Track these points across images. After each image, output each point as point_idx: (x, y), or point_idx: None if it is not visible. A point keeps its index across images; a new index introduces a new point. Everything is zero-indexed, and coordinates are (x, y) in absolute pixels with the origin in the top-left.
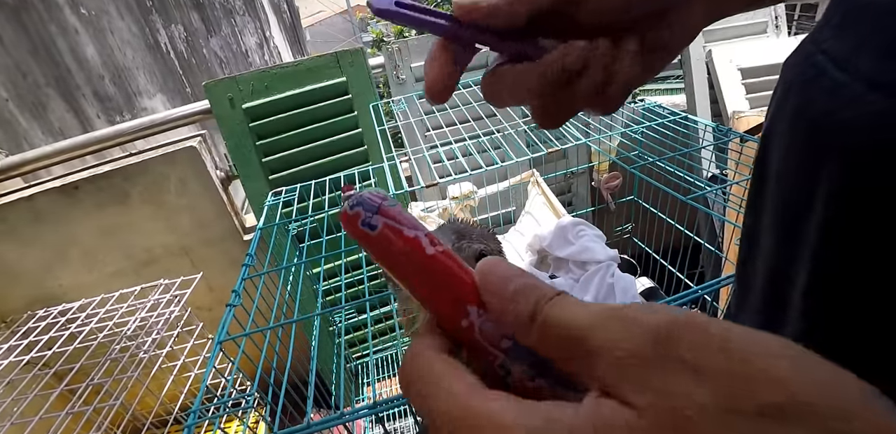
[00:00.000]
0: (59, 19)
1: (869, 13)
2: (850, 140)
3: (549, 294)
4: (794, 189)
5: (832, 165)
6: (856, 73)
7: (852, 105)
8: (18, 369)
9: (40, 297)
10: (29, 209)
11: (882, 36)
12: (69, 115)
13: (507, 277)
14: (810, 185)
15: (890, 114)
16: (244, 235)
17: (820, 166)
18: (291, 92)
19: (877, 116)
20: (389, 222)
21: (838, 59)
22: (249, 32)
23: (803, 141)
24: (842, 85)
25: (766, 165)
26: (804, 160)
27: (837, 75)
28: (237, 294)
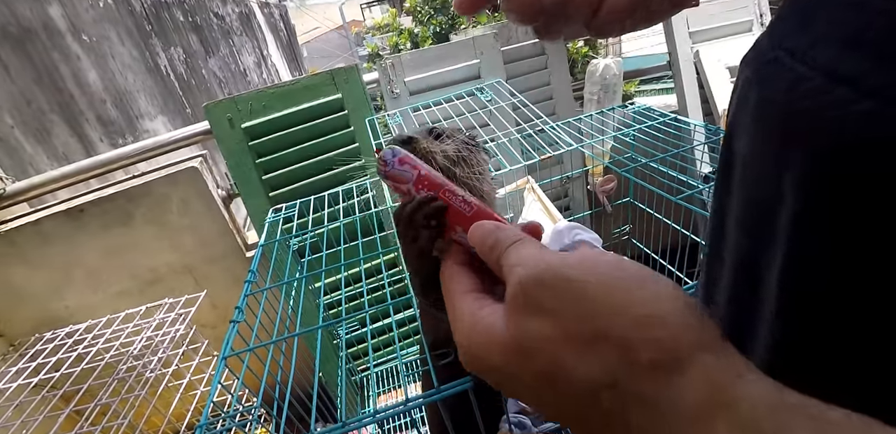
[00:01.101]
0: (61, 47)
1: (825, 7)
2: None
3: (507, 244)
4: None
5: (797, 154)
6: (816, 66)
7: (814, 97)
8: (27, 392)
9: (47, 320)
10: (36, 233)
11: (838, 28)
12: (73, 139)
13: (483, 239)
14: (777, 174)
15: (851, 104)
16: (247, 252)
17: (786, 155)
18: (289, 110)
19: (838, 106)
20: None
21: (797, 53)
22: (247, 52)
23: (768, 132)
24: (803, 77)
25: (731, 155)
26: (770, 150)
27: (798, 68)
28: (240, 310)
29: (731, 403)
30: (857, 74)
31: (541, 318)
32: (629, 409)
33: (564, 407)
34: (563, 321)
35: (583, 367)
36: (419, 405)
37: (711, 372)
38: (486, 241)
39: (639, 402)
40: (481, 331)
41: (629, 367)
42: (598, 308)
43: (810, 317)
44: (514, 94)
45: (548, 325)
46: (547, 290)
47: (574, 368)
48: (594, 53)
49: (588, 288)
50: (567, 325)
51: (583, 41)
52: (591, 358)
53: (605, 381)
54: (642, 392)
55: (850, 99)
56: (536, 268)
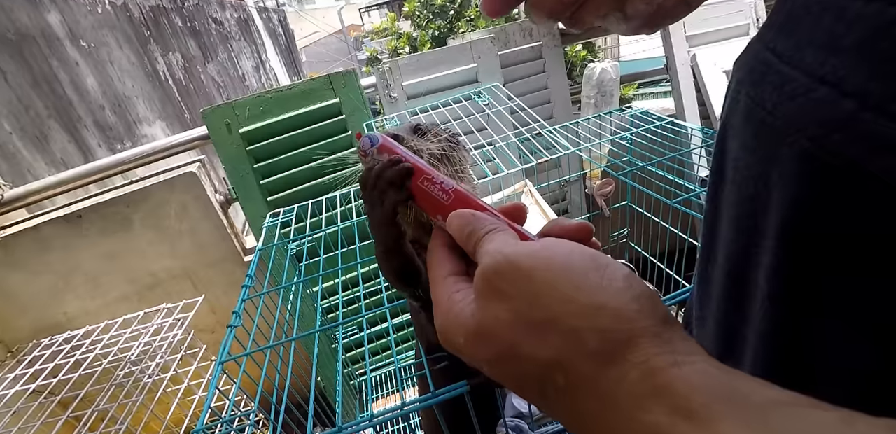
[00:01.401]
0: (59, 53)
1: (810, 12)
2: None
3: (482, 234)
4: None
5: (784, 153)
6: (801, 68)
7: (799, 97)
8: (24, 398)
9: (46, 326)
10: (35, 239)
11: (821, 32)
12: (71, 145)
13: (461, 228)
14: (765, 172)
15: (833, 104)
16: (245, 257)
17: (773, 154)
18: (287, 115)
19: (821, 107)
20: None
21: (784, 56)
22: (246, 57)
23: (757, 132)
24: (789, 79)
25: (723, 156)
26: (759, 150)
27: (784, 70)
28: (237, 315)
29: (665, 388)
30: (839, 76)
31: (498, 304)
32: (579, 392)
33: (524, 385)
34: (517, 308)
35: (534, 351)
36: (415, 409)
37: (650, 358)
38: (464, 230)
39: (586, 386)
40: (453, 314)
41: (577, 353)
42: (548, 296)
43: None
44: (511, 97)
45: (504, 312)
46: (503, 279)
47: (527, 352)
48: (593, 57)
49: (538, 276)
50: (520, 312)
51: (581, 44)
52: (541, 343)
53: (555, 361)
54: (589, 377)
55: (832, 99)
56: (494, 258)
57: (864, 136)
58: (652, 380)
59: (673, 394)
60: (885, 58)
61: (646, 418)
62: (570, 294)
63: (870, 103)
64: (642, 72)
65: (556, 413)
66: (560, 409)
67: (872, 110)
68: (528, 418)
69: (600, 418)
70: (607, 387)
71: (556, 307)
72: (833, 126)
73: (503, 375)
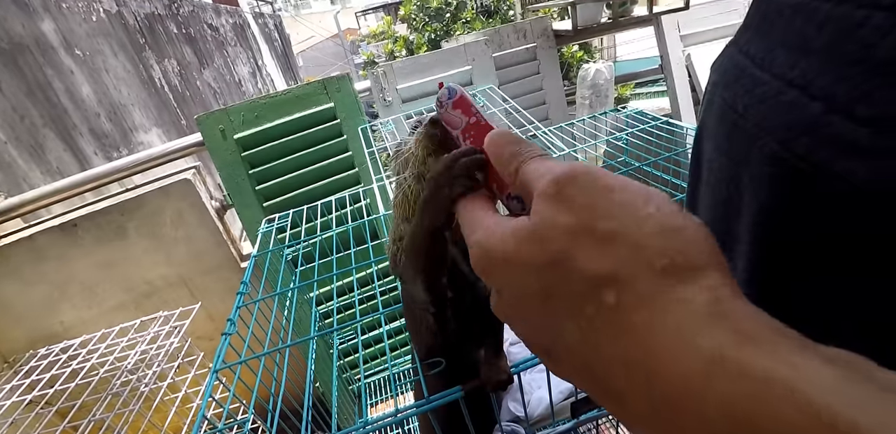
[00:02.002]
0: (54, 61)
1: (783, 14)
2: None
3: (528, 156)
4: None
5: (754, 154)
6: (772, 71)
7: (769, 100)
8: (21, 409)
9: (42, 336)
10: (30, 249)
11: (792, 35)
12: (67, 154)
13: (502, 146)
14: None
15: (801, 106)
16: (241, 263)
17: (744, 155)
18: (281, 120)
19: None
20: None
21: (756, 59)
22: (242, 62)
23: (730, 135)
24: (760, 81)
25: (699, 159)
26: (731, 151)
27: (756, 73)
28: (232, 322)
29: (732, 314)
30: (807, 79)
31: (566, 211)
32: (628, 312)
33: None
34: (583, 216)
35: (593, 259)
36: (410, 415)
37: (720, 286)
38: (507, 148)
39: (641, 305)
40: (505, 226)
41: (641, 269)
42: (622, 210)
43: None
44: (506, 99)
45: (570, 218)
46: (576, 186)
47: (583, 259)
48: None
49: (616, 191)
50: (586, 220)
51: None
52: (601, 254)
53: (611, 275)
54: (647, 296)
55: (801, 102)
56: (571, 166)
57: (831, 139)
58: (719, 305)
59: (740, 319)
60: (851, 60)
61: (708, 340)
62: (648, 212)
63: (836, 106)
64: (637, 72)
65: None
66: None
67: (839, 113)
68: (524, 422)
69: (648, 340)
70: (669, 307)
71: (629, 222)
72: (801, 129)
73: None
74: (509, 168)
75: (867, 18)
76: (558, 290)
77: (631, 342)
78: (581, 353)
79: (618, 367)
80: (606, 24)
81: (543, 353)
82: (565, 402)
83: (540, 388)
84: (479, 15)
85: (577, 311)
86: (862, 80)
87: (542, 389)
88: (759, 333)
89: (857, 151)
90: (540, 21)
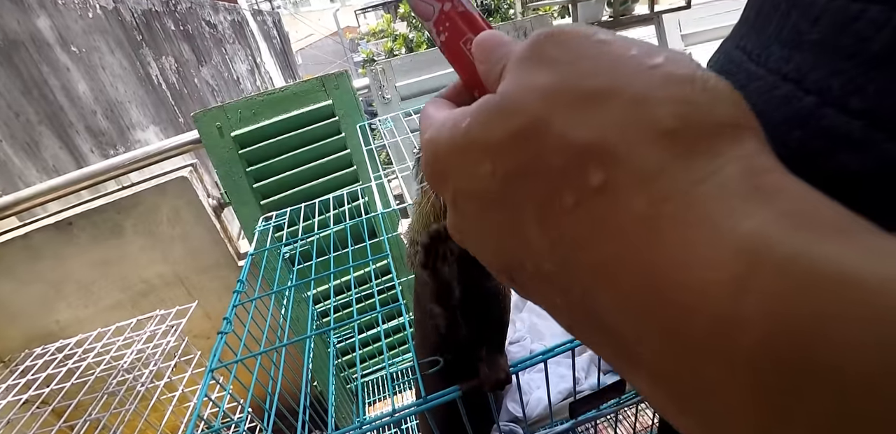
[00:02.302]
0: (49, 58)
1: (779, 9)
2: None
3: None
4: None
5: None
6: (767, 66)
7: (763, 94)
8: (17, 408)
9: (38, 335)
10: (25, 247)
11: (787, 29)
12: (63, 151)
13: (490, 48)
14: None
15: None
16: (239, 262)
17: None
18: (279, 117)
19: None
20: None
21: (752, 54)
22: (240, 60)
23: None
24: (755, 76)
25: None
26: None
27: (751, 68)
28: (228, 321)
29: (776, 189)
30: (802, 73)
31: (543, 71)
32: (622, 194)
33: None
34: (569, 73)
35: (573, 125)
36: (407, 415)
37: (755, 155)
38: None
39: (640, 185)
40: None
41: (639, 132)
42: (620, 64)
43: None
44: None
45: (547, 77)
46: (556, 42)
47: (560, 125)
48: None
49: (615, 45)
50: (568, 77)
51: None
52: (584, 117)
53: (597, 145)
54: (649, 171)
55: (795, 96)
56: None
57: (823, 132)
58: (759, 177)
59: (789, 195)
60: (846, 54)
61: (743, 225)
62: (654, 62)
63: (830, 99)
64: None
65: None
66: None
67: (832, 106)
68: (522, 422)
69: (653, 232)
70: (680, 184)
71: (627, 74)
72: (794, 122)
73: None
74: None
75: (862, 12)
76: (524, 174)
77: (619, 241)
78: (549, 268)
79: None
80: (607, 23)
81: (503, 271)
82: (564, 403)
83: (539, 389)
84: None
85: (547, 204)
86: (856, 74)
87: (540, 389)
88: (821, 215)
89: (850, 144)
90: (540, 19)
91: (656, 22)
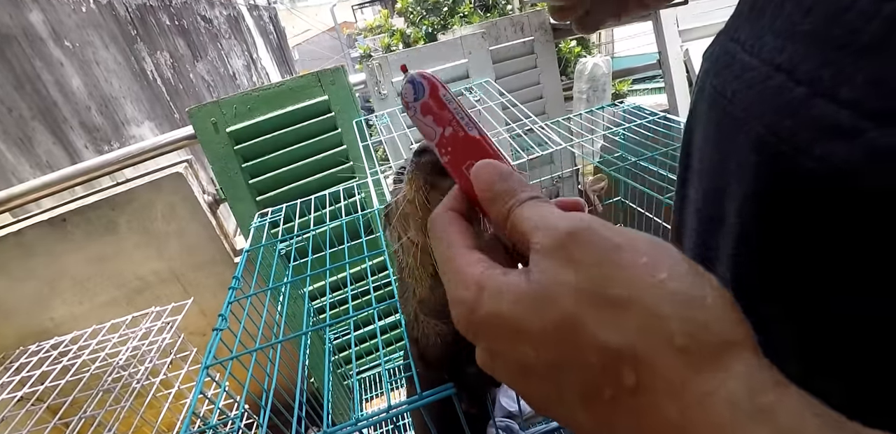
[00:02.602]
0: (43, 53)
1: (772, 1)
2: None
3: (522, 199)
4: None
5: (742, 139)
6: (760, 56)
7: (757, 85)
8: (12, 406)
9: (32, 332)
10: (18, 244)
11: (780, 21)
12: (56, 147)
13: (492, 182)
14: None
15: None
16: (235, 258)
17: (732, 141)
18: (275, 113)
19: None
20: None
21: (746, 45)
22: (236, 55)
23: (719, 119)
24: (748, 67)
25: (689, 147)
26: (719, 138)
27: (745, 59)
28: (223, 318)
29: (773, 409)
30: (793, 63)
31: (571, 270)
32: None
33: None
34: (590, 276)
35: (605, 326)
36: (402, 412)
37: (754, 372)
38: (497, 185)
39: (666, 390)
40: (497, 282)
41: (659, 345)
42: (631, 273)
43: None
44: (502, 93)
45: (577, 278)
46: (579, 244)
47: (594, 326)
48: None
49: (624, 251)
50: (599, 283)
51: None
52: (613, 322)
53: (627, 350)
54: (671, 380)
55: (786, 86)
56: (571, 221)
57: (813, 122)
58: (758, 397)
59: (784, 416)
60: (837, 45)
61: None
62: (660, 277)
63: (820, 89)
64: (635, 67)
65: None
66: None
67: (822, 96)
68: (518, 418)
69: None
70: (696, 396)
71: (641, 286)
72: (785, 112)
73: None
74: (500, 208)
75: (853, 3)
76: (567, 363)
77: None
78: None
79: None
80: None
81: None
82: None
83: None
84: (477, 9)
85: (590, 393)
86: (846, 64)
87: None
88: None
89: (839, 133)
90: (538, 14)
91: (654, 18)
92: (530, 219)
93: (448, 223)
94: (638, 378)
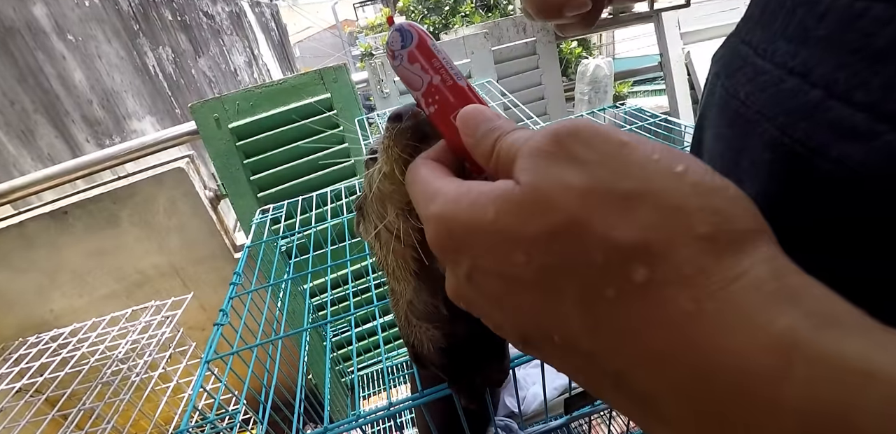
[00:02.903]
0: (45, 46)
1: (784, 6)
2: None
3: (507, 130)
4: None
5: (754, 142)
6: (773, 60)
7: (769, 88)
8: (10, 397)
9: (32, 324)
10: (19, 236)
11: (795, 26)
12: (58, 140)
13: (476, 125)
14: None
15: (801, 94)
16: (235, 254)
17: (744, 144)
18: (277, 110)
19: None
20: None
21: (759, 49)
22: (238, 51)
23: (731, 123)
24: (761, 70)
25: (700, 148)
26: (731, 140)
27: (757, 62)
28: (224, 313)
29: (800, 289)
30: (808, 67)
31: (573, 168)
32: (668, 290)
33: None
34: (596, 174)
35: (614, 226)
36: (403, 409)
37: (778, 256)
38: (484, 124)
39: (684, 281)
40: (479, 190)
41: (679, 235)
42: (643, 166)
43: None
44: (504, 93)
45: (580, 176)
46: (581, 141)
47: (602, 226)
48: (588, 54)
49: (632, 146)
50: (601, 179)
51: (576, 41)
52: (624, 219)
53: (641, 245)
54: (690, 267)
55: (801, 89)
56: (571, 121)
57: (829, 124)
58: (784, 279)
59: (811, 297)
60: (851, 49)
61: (778, 322)
62: (678, 169)
63: (835, 92)
64: (637, 69)
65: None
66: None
67: (838, 99)
68: (518, 417)
69: (695, 329)
70: (718, 282)
71: (657, 179)
72: (800, 115)
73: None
74: (484, 145)
75: (867, 10)
76: (566, 265)
77: (669, 332)
78: (587, 346)
79: (647, 364)
80: (606, 20)
81: (519, 339)
82: (559, 398)
83: (535, 384)
84: (478, 8)
85: (590, 294)
86: (861, 68)
87: (537, 385)
88: (840, 315)
89: (854, 135)
90: None
91: (655, 20)
92: (518, 138)
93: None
94: (652, 272)
